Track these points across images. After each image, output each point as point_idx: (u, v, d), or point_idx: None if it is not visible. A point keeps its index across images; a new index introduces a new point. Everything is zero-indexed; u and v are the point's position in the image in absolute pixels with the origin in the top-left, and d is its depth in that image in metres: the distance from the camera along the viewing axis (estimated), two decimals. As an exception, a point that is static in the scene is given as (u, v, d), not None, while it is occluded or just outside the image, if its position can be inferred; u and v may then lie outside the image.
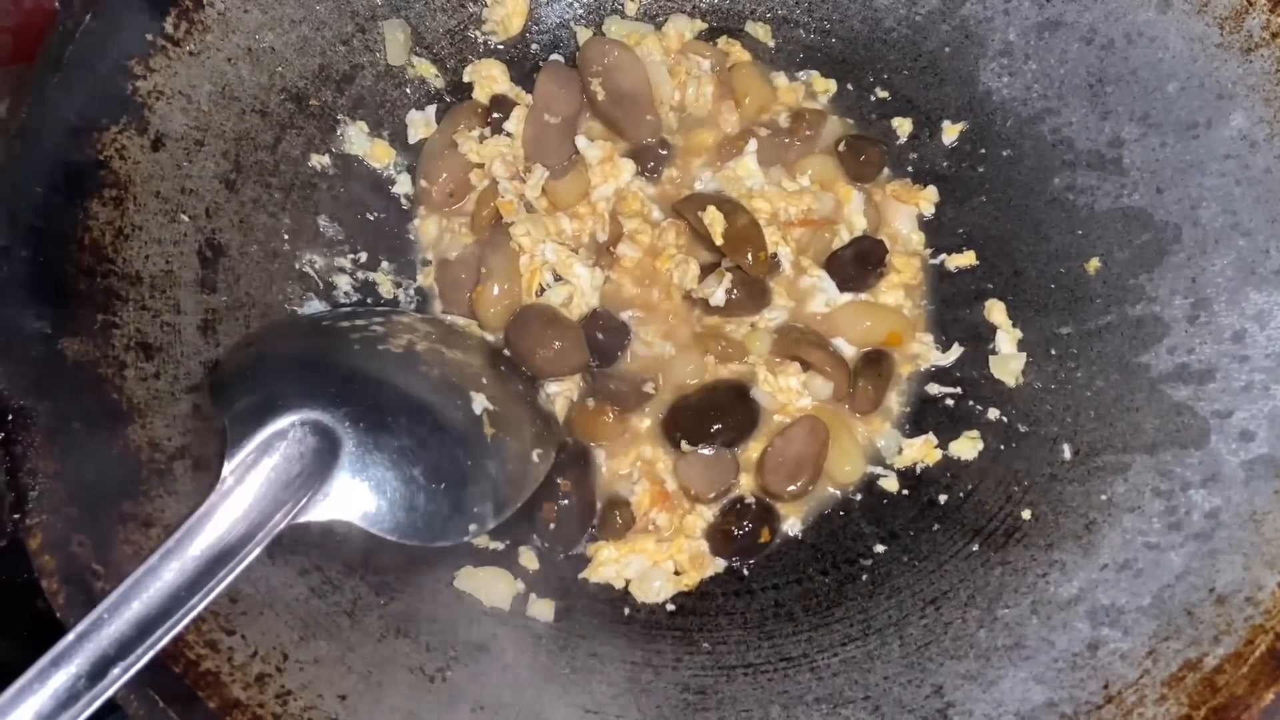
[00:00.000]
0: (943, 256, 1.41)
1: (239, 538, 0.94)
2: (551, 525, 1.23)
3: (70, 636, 0.86)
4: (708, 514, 1.28)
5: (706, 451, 1.29)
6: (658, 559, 1.24)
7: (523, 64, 1.47)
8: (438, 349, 1.22)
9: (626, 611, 1.22)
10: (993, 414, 1.30)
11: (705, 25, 1.51)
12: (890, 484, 1.30)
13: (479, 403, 1.17)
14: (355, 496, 1.03)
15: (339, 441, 1.02)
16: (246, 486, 0.96)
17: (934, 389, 1.35)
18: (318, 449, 1.01)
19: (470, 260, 1.36)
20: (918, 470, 1.31)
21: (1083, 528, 1.15)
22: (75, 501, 0.97)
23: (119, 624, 0.88)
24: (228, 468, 0.97)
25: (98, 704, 0.85)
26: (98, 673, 0.86)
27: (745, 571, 1.27)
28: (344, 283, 1.33)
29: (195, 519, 0.93)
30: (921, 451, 1.30)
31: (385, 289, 1.36)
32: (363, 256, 1.35)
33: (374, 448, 1.04)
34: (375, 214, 1.39)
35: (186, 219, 1.18)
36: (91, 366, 1.05)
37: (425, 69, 1.43)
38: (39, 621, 0.93)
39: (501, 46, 1.48)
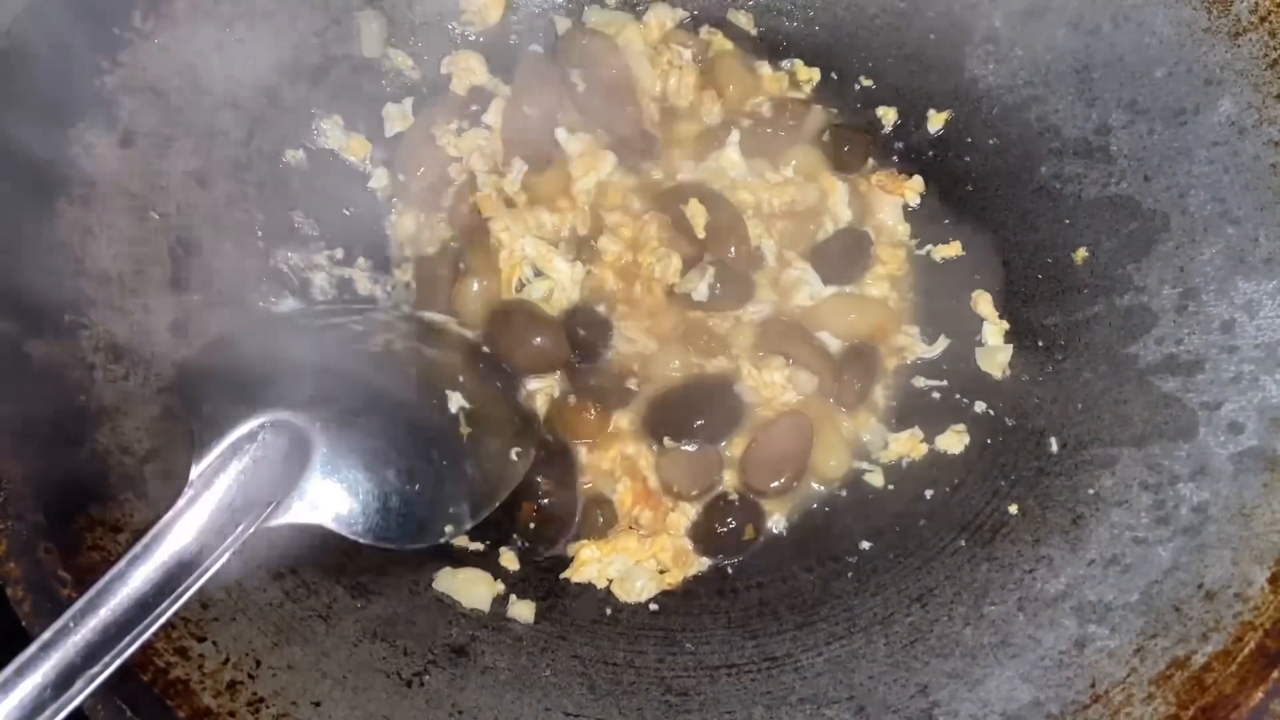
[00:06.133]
0: (928, 247, 1.39)
1: (208, 543, 0.93)
2: (532, 525, 1.22)
3: (35, 646, 0.85)
4: (691, 511, 1.26)
5: (689, 448, 1.27)
6: (640, 558, 1.22)
7: (501, 55, 1.45)
8: (415, 347, 1.21)
9: (609, 612, 1.21)
10: (979, 407, 1.29)
11: (687, 14, 1.49)
12: (876, 479, 1.29)
13: (455, 401, 1.15)
14: (328, 499, 1.01)
15: (310, 443, 1.01)
16: (214, 490, 0.94)
17: (920, 382, 1.33)
18: (288, 451, 1.00)
19: (449, 256, 1.34)
20: (904, 465, 1.29)
21: (1070, 522, 1.13)
22: (41, 507, 0.95)
23: (86, 632, 0.86)
24: (195, 471, 0.95)
25: (64, 714, 0.84)
26: (64, 682, 0.84)
27: (729, 570, 1.25)
28: (320, 280, 1.31)
29: (162, 524, 0.92)
30: (907, 446, 1.29)
31: (362, 286, 1.34)
32: (339, 253, 1.34)
33: (346, 449, 1.03)
34: (351, 209, 1.37)
35: (157, 216, 1.16)
36: (59, 368, 1.03)
37: (401, 61, 1.41)
38: (3, 630, 0.91)
39: (479, 37, 1.46)
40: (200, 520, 0.93)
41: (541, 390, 1.29)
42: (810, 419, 1.27)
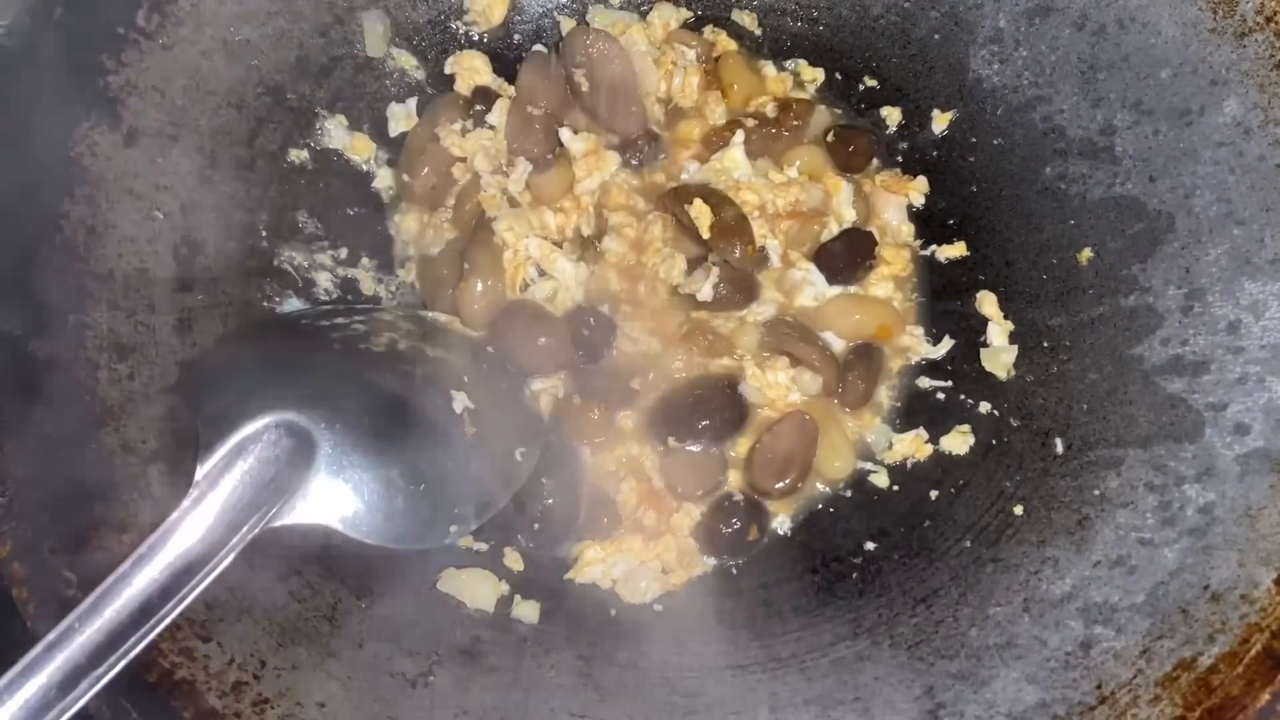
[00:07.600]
0: (933, 248, 1.39)
1: (212, 543, 0.92)
2: (536, 525, 1.21)
3: (40, 646, 0.85)
4: (695, 512, 1.26)
5: (694, 448, 1.27)
6: (645, 558, 1.22)
7: (505, 55, 1.45)
8: (419, 347, 1.21)
9: (613, 612, 1.20)
10: (984, 408, 1.28)
11: (691, 14, 1.49)
12: (880, 480, 1.29)
13: (460, 401, 1.15)
14: (333, 500, 1.01)
15: (315, 444, 1.01)
16: (219, 491, 0.94)
17: (924, 383, 1.33)
18: (293, 451, 1.00)
19: (453, 256, 1.33)
20: (908, 466, 1.29)
21: (1075, 523, 1.13)
22: (46, 507, 0.96)
23: (91, 633, 0.86)
24: (200, 472, 0.95)
25: (69, 714, 0.84)
26: (69, 683, 0.84)
27: (733, 570, 1.25)
28: (324, 280, 1.31)
29: (167, 525, 0.92)
30: (912, 446, 1.29)
31: (366, 286, 1.34)
32: (343, 253, 1.33)
33: (351, 449, 1.03)
34: (356, 209, 1.37)
35: (161, 216, 1.16)
36: (63, 368, 1.03)
37: (405, 61, 1.41)
38: (9, 630, 0.91)
39: (483, 37, 1.45)
40: (205, 521, 0.93)
41: (546, 390, 1.29)
42: (814, 419, 1.27)
